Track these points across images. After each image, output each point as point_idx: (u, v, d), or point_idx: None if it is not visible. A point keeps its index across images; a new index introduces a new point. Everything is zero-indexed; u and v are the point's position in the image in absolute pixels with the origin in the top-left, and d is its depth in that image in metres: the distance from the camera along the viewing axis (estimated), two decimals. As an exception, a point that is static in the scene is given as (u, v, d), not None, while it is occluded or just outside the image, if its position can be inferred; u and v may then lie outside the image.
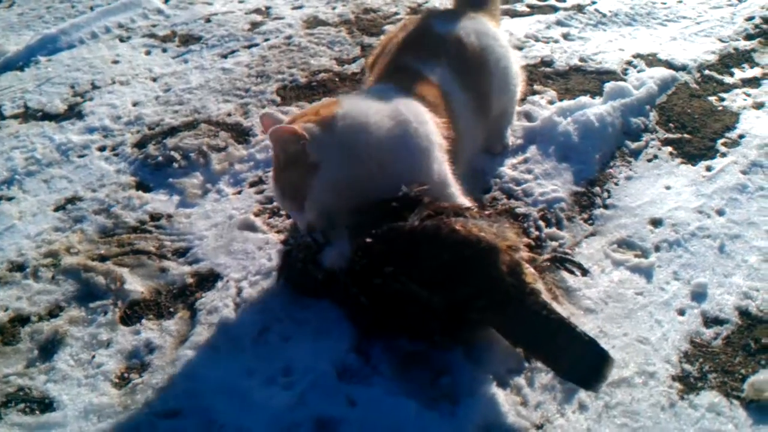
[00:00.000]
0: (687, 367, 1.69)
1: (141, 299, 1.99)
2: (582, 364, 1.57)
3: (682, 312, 1.84)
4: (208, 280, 2.04)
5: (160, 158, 2.54)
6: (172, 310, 1.96)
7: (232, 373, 1.73)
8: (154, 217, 2.31)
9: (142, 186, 2.46)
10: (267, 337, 1.82)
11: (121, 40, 3.57)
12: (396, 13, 3.52)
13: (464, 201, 1.91)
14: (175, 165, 2.51)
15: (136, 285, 2.03)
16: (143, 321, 1.93)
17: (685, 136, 2.49)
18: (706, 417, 1.58)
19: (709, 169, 2.33)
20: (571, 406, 1.61)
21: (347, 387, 1.66)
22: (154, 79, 3.16)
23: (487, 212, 1.94)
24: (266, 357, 1.76)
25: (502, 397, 1.62)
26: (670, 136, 2.50)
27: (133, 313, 1.96)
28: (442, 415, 1.59)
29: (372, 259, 1.72)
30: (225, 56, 3.29)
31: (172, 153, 2.55)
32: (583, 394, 1.62)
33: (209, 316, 1.90)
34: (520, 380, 1.67)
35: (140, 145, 2.67)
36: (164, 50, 3.43)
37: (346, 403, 1.63)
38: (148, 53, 3.42)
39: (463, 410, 1.59)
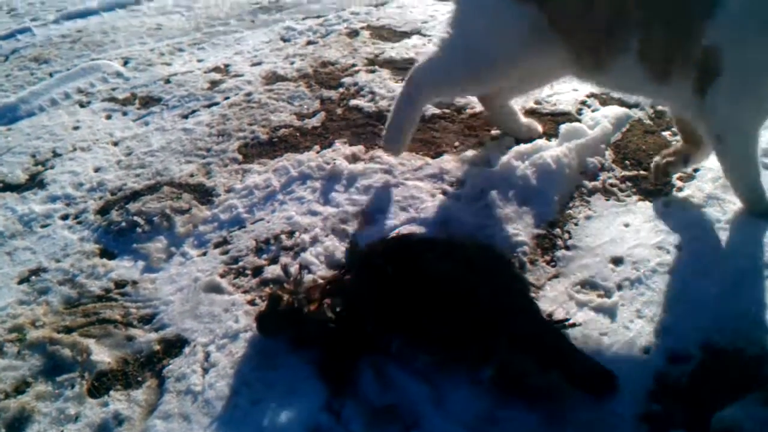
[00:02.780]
0: (654, 406, 1.70)
1: (108, 370, 1.98)
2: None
3: (647, 350, 1.85)
4: (175, 345, 2.03)
5: (124, 224, 2.54)
6: (140, 379, 1.95)
7: (202, 441, 1.72)
8: (119, 284, 2.30)
9: (107, 253, 2.46)
10: (236, 401, 1.81)
11: (81, 105, 3.58)
12: (353, 65, 3.56)
13: None
14: (139, 230, 2.51)
15: (103, 355, 2.02)
16: (111, 392, 1.91)
17: (641, 172, 2.54)
18: (676, 455, 1.60)
19: (666, 204, 2.37)
20: (542, 453, 1.62)
21: (319, 448, 1.66)
22: (116, 143, 3.17)
23: None
24: (236, 422, 1.75)
25: (473, 448, 1.62)
26: (627, 173, 2.54)
27: (101, 384, 1.94)
28: (414, 472, 1.59)
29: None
30: (186, 116, 3.31)
31: (136, 218, 2.55)
32: (553, 440, 1.64)
33: (177, 384, 1.89)
34: (491, 429, 1.67)
35: (103, 211, 2.67)
36: (125, 113, 3.44)
37: (318, 465, 1.63)
38: (108, 117, 3.43)
39: (435, 464, 1.60)
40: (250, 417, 1.75)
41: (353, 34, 3.98)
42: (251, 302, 2.13)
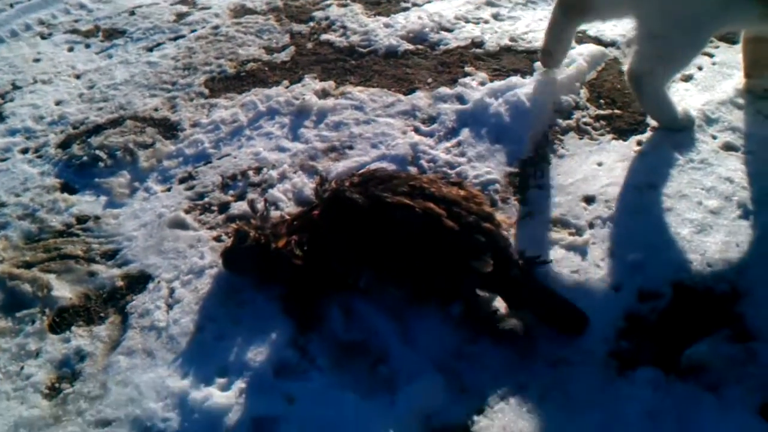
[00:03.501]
0: (624, 343, 1.70)
1: (70, 305, 1.94)
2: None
3: (617, 288, 1.84)
4: (139, 282, 1.99)
5: (85, 158, 2.47)
6: (102, 315, 1.91)
7: (166, 377, 1.69)
8: (81, 219, 2.24)
9: (68, 188, 2.40)
10: (201, 337, 1.78)
11: (43, 37, 3.46)
12: (325, -1, 3.47)
13: None
14: (101, 164, 2.44)
15: (64, 291, 1.97)
16: (73, 328, 1.87)
17: (616, 111, 2.50)
18: (645, 392, 1.59)
19: (639, 143, 2.34)
20: (511, 389, 1.61)
21: (285, 383, 1.64)
22: (78, 77, 3.07)
23: None
24: (201, 358, 1.73)
25: (442, 383, 1.61)
26: (601, 112, 2.50)
27: (62, 320, 1.90)
28: (382, 406, 1.58)
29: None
30: (151, 49, 3.21)
31: (98, 152, 2.48)
32: (522, 376, 1.62)
33: (141, 320, 1.85)
34: (460, 364, 1.66)
35: (64, 145, 2.60)
36: (87, 46, 3.33)
37: (284, 401, 1.61)
38: (70, 50, 3.32)
39: (402, 399, 1.58)
40: (215, 353, 1.73)
41: (325, -33, 3.87)
42: (217, 238, 2.09)
